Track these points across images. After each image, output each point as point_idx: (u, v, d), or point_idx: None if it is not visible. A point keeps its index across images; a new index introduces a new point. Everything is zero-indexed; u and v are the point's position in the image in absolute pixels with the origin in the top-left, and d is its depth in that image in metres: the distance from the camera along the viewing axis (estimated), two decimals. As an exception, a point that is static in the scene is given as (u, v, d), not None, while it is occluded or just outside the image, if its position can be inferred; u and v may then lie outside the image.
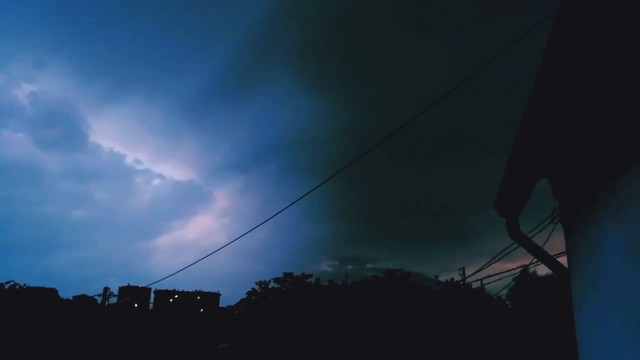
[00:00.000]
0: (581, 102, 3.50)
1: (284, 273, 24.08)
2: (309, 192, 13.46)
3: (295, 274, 24.27)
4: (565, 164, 4.22)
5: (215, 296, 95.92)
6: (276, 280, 24.02)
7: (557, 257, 5.57)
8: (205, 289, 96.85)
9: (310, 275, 24.63)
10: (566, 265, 4.65)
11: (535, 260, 11.04)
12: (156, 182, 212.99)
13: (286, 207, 14.31)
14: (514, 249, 12.68)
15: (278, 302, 23.33)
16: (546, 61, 3.01)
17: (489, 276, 20.91)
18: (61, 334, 24.20)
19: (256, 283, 24.54)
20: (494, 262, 16.05)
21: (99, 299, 33.16)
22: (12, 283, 22.83)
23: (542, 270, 28.74)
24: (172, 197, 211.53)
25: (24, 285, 23.98)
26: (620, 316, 3.32)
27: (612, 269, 3.46)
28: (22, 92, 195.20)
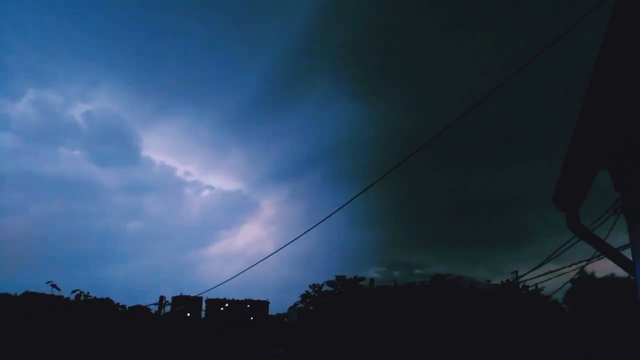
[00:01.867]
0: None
1: (337, 276, 24.13)
2: (352, 200, 13.52)
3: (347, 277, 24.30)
4: (628, 154, 4.13)
5: (265, 304, 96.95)
6: (329, 283, 24.13)
7: (621, 250, 5.40)
8: (255, 297, 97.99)
9: (362, 278, 24.59)
10: (631, 259, 4.53)
11: (595, 256, 10.66)
12: (205, 193, 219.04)
13: (330, 215, 14.42)
14: (573, 244, 12.22)
15: (332, 305, 23.42)
16: (608, 42, 2.97)
17: (539, 275, 20.12)
18: (119, 344, 25.07)
19: (310, 286, 24.71)
20: (549, 261, 15.57)
21: (154, 309, 34.16)
22: (77, 292, 23.86)
23: (601, 270, 27.63)
24: (221, 207, 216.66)
25: (87, 293, 25.01)
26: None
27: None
28: (78, 111, 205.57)
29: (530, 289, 23.91)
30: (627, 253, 4.82)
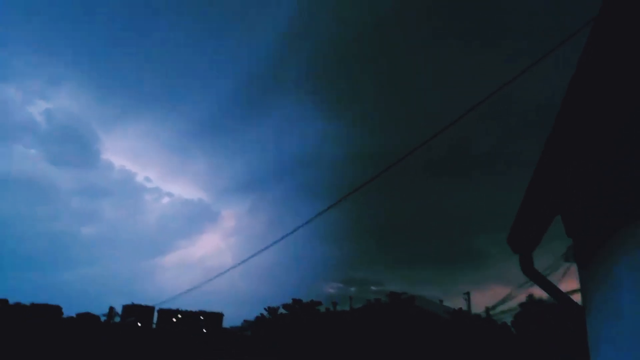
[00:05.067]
0: (602, 140, 3.52)
1: (293, 300, 23.87)
2: (311, 220, 13.47)
3: (303, 301, 24.02)
4: (580, 201, 4.23)
5: (219, 316, 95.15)
6: (285, 306, 23.81)
7: (571, 294, 5.53)
8: (209, 309, 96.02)
9: (319, 303, 24.41)
10: (580, 303, 4.63)
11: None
12: (165, 200, 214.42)
13: (292, 232, 14.32)
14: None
15: (287, 329, 23.12)
16: (567, 101, 3.05)
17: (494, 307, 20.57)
18: (63, 354, 24.09)
19: (265, 309, 24.38)
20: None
21: (103, 318, 33.05)
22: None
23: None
24: (180, 216, 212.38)
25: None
26: (638, 357, 3.30)
27: (629, 310, 3.45)
28: (37, 108, 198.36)
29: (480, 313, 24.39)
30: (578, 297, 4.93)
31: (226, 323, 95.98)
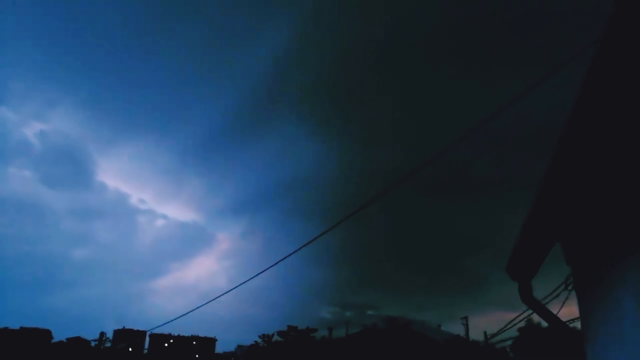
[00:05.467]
0: (604, 171, 3.55)
1: (288, 327, 23.49)
2: (306, 245, 13.38)
3: (299, 327, 23.63)
4: (580, 230, 4.23)
5: (211, 341, 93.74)
6: (280, 333, 23.42)
7: (571, 322, 5.50)
8: (202, 333, 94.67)
9: (315, 330, 24.03)
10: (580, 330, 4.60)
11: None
12: (159, 222, 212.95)
13: (288, 256, 14.19)
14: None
15: (282, 358, 22.70)
16: (568, 133, 3.07)
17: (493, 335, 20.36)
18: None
19: (259, 337, 23.99)
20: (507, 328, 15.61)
21: (94, 342, 32.51)
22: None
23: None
24: (174, 238, 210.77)
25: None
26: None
27: (631, 338, 3.42)
28: (32, 130, 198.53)
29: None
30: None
31: (219, 348, 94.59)
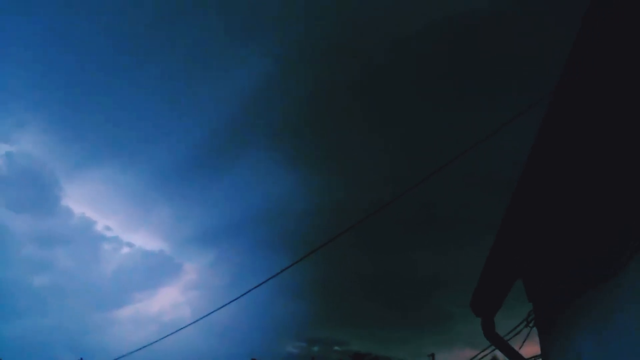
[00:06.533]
0: (562, 209, 3.65)
1: None
2: (273, 277, 13.24)
3: None
4: (540, 269, 4.33)
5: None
6: None
7: (533, 359, 5.56)
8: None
9: None
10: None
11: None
12: (125, 250, 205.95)
13: (256, 287, 13.99)
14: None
15: None
16: (527, 174, 3.16)
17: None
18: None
19: None
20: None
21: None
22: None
23: None
24: (139, 267, 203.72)
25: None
26: None
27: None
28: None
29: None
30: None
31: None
